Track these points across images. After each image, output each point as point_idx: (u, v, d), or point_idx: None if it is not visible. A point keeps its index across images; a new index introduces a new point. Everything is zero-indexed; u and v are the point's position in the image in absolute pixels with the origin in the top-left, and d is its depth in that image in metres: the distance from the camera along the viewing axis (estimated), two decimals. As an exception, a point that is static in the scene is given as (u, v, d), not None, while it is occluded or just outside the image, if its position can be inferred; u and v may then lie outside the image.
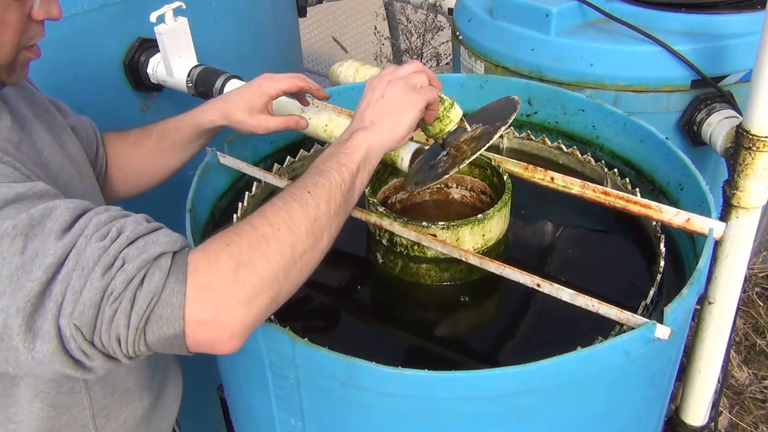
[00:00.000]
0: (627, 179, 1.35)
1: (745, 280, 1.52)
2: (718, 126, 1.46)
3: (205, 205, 1.34)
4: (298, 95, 1.27)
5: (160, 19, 1.49)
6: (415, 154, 1.17)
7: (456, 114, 1.08)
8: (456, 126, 1.08)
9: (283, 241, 0.77)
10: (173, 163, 1.27)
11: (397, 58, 3.29)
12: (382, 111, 0.97)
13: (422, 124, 1.08)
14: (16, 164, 0.81)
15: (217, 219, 1.38)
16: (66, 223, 0.72)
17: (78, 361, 0.72)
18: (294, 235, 0.79)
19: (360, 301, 1.27)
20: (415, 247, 1.18)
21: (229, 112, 1.19)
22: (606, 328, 1.00)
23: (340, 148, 0.92)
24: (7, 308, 0.69)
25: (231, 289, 0.72)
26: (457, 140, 1.09)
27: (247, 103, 1.18)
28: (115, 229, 0.73)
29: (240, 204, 1.36)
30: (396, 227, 1.16)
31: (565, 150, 1.46)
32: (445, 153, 1.12)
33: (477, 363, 1.10)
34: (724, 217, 1.37)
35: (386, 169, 1.30)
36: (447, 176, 1.06)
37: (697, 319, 1.51)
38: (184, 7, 1.51)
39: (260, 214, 0.79)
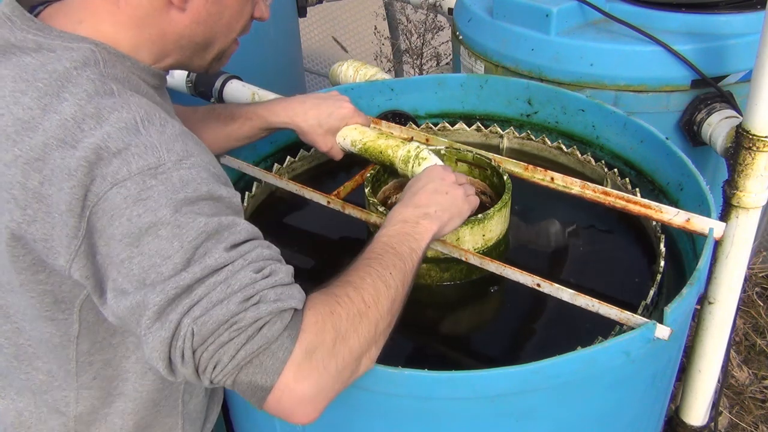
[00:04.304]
0: (627, 179, 1.35)
1: (745, 280, 1.52)
2: (718, 126, 1.45)
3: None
4: None
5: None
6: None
7: None
8: None
9: (371, 319, 0.82)
10: (228, 146, 1.31)
11: (397, 58, 3.29)
12: (447, 206, 1.06)
13: None
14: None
15: (217, 219, 1.37)
16: (239, 241, 0.78)
17: (172, 362, 0.75)
18: (379, 313, 0.83)
19: (360, 301, 1.27)
20: (415, 247, 1.18)
21: (303, 123, 1.27)
22: (606, 328, 1.00)
23: (411, 231, 0.99)
24: (158, 285, 0.73)
25: (327, 360, 0.76)
26: None
27: (328, 125, 1.28)
28: (268, 269, 0.77)
29: (240, 204, 1.36)
30: (396, 227, 1.16)
31: (565, 150, 1.46)
32: None
33: (477, 363, 1.10)
34: (724, 217, 1.36)
35: (386, 169, 1.30)
36: None
37: (697, 319, 1.51)
38: (184, 7, 1.50)
39: (354, 287, 0.83)
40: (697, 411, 1.61)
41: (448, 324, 1.20)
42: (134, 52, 0.89)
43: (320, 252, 1.37)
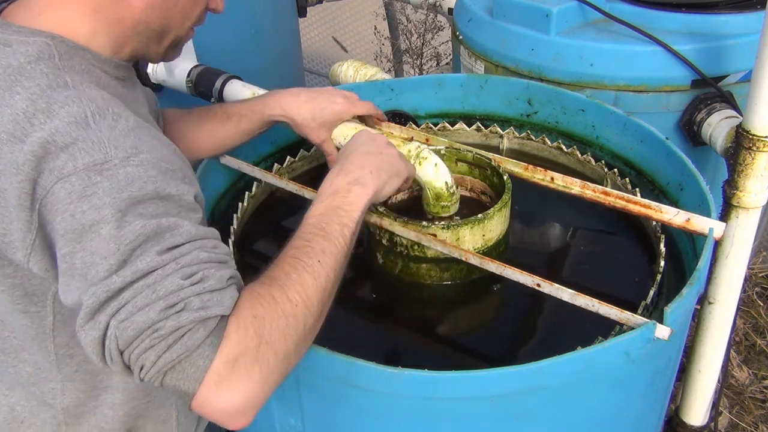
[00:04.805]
0: (627, 179, 1.35)
1: (745, 280, 1.52)
2: (718, 126, 1.46)
3: (205, 205, 1.34)
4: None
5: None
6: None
7: (455, 208, 1.22)
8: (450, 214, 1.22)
9: (298, 318, 0.79)
10: (229, 144, 1.31)
11: (397, 58, 3.28)
12: (380, 165, 1.02)
13: (430, 201, 1.20)
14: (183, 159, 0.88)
15: (218, 219, 1.38)
16: (176, 244, 0.76)
17: (105, 358, 0.75)
18: (308, 309, 0.81)
19: (360, 301, 1.27)
20: (416, 247, 1.18)
21: (297, 116, 1.26)
22: (606, 328, 1.00)
23: (341, 203, 0.95)
24: (92, 287, 0.74)
25: (251, 367, 0.74)
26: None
27: (320, 117, 1.26)
28: (200, 274, 0.76)
29: (240, 204, 1.36)
30: (396, 227, 1.16)
31: (565, 150, 1.46)
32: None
33: (477, 363, 1.10)
34: (724, 217, 1.36)
35: (386, 169, 1.29)
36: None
37: (697, 319, 1.51)
38: (184, 7, 1.50)
39: (279, 285, 0.80)
40: (697, 411, 1.61)
41: (448, 324, 1.20)
42: (93, 41, 0.89)
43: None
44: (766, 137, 1.25)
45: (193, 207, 0.83)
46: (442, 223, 1.15)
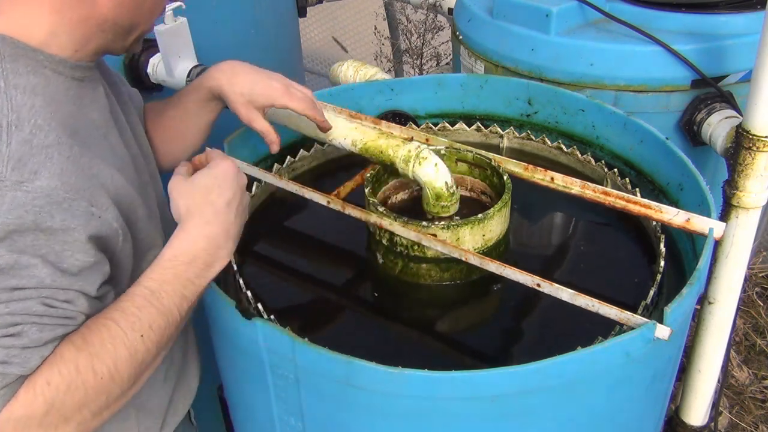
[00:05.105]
0: (627, 179, 1.35)
1: (745, 280, 1.52)
2: (718, 126, 1.46)
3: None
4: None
5: (160, 19, 1.49)
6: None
7: (455, 208, 1.21)
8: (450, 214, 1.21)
9: (100, 390, 0.80)
10: (196, 123, 1.25)
11: (397, 58, 3.29)
12: (241, 226, 0.99)
13: (430, 201, 1.19)
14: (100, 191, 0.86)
15: (217, 219, 1.37)
16: (20, 286, 0.77)
17: None
18: (114, 382, 0.81)
19: (360, 301, 1.27)
20: (416, 247, 1.18)
21: (227, 87, 1.19)
22: (606, 328, 1.00)
23: (193, 275, 0.91)
24: None
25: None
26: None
27: (251, 97, 1.19)
28: (19, 328, 0.77)
29: (240, 204, 1.36)
30: (396, 227, 1.16)
31: (565, 150, 1.46)
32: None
33: (477, 363, 1.10)
34: (724, 217, 1.37)
35: (386, 169, 1.30)
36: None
37: (697, 319, 1.51)
38: (183, 7, 1.51)
39: (89, 354, 0.80)
40: (697, 411, 1.61)
41: (448, 324, 1.20)
42: (52, 41, 0.88)
43: (320, 252, 1.37)
44: (766, 137, 1.25)
45: (81, 247, 0.82)
46: (442, 223, 1.15)
